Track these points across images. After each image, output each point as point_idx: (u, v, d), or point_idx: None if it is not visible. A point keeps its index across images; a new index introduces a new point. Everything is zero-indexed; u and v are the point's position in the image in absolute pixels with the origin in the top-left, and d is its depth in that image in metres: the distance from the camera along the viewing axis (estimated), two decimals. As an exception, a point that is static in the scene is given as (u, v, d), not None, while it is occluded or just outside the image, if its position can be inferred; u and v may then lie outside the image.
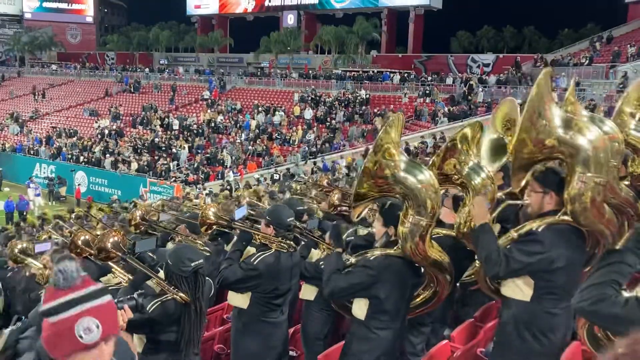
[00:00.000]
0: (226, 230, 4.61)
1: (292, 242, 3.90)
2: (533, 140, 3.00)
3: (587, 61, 27.27)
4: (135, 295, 2.57)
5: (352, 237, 4.09)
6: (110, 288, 3.67)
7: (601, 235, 3.05)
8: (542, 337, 3.05)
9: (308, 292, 4.29)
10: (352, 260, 3.42)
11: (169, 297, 3.24)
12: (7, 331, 3.52)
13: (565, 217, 3.00)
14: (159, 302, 3.22)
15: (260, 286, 3.80)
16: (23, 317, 3.72)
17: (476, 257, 3.33)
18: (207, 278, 3.43)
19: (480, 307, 4.25)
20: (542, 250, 2.97)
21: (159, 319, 3.21)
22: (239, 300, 3.92)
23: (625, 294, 2.06)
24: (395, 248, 3.30)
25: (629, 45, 26.75)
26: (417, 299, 3.61)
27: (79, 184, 26.88)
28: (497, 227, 3.40)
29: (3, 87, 46.05)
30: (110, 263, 3.75)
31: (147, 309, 3.14)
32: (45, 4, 59.21)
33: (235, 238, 4.28)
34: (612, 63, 25.47)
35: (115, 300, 2.39)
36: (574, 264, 3.05)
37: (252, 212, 4.83)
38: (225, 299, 4.54)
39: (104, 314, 1.67)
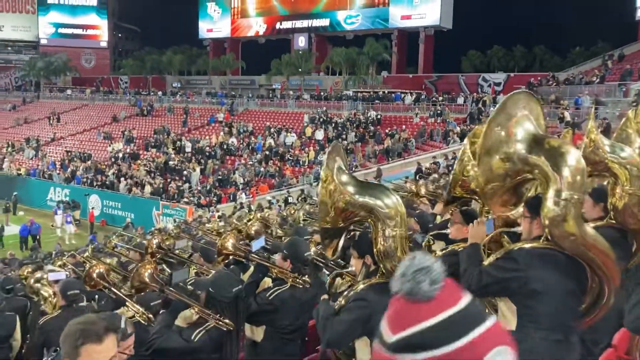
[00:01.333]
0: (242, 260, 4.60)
1: (307, 279, 3.86)
2: (490, 162, 2.97)
3: (599, 79, 27.19)
4: None
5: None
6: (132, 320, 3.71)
7: (590, 261, 2.92)
8: None
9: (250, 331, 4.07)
10: (342, 301, 3.21)
11: (211, 325, 3.32)
12: None
13: (548, 242, 2.93)
14: (204, 330, 3.30)
15: (275, 321, 3.77)
16: (58, 349, 3.69)
17: None
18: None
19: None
20: (515, 268, 2.91)
21: (204, 347, 3.29)
22: (253, 332, 3.89)
23: None
24: (378, 275, 3.16)
25: (641, 63, 26.67)
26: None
27: (92, 208, 27.05)
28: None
29: (19, 111, 46.80)
30: (124, 297, 3.79)
31: (192, 337, 3.20)
32: (61, 30, 60.40)
33: (251, 268, 4.27)
34: (622, 82, 25.35)
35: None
36: (560, 291, 2.92)
37: (269, 242, 4.83)
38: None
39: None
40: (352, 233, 3.42)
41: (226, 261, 4.74)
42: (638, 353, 2.60)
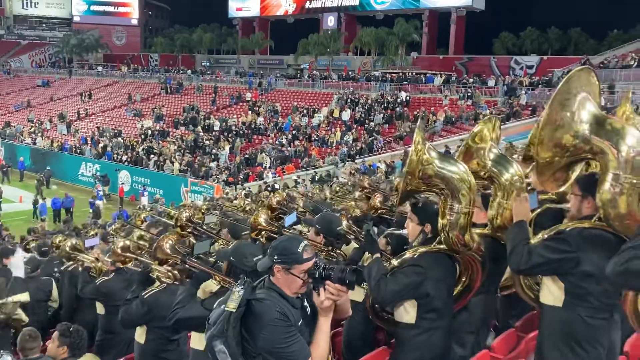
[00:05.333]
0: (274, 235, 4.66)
1: (341, 252, 3.89)
2: (552, 136, 2.94)
3: (636, 63, 26.40)
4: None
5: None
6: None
7: None
8: (580, 349, 2.92)
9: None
10: (395, 262, 3.40)
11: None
12: None
13: (600, 222, 2.92)
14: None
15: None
16: None
17: None
18: None
19: (523, 315, 4.17)
20: (567, 249, 2.91)
21: None
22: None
23: None
24: (434, 244, 3.33)
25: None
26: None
27: (122, 183, 27.56)
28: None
29: (52, 88, 47.63)
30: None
31: (214, 307, 3.26)
32: (93, 7, 61.07)
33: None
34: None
35: None
36: None
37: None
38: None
39: None
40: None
41: (259, 236, 4.82)
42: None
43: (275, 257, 2.51)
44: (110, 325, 5.04)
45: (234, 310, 2.42)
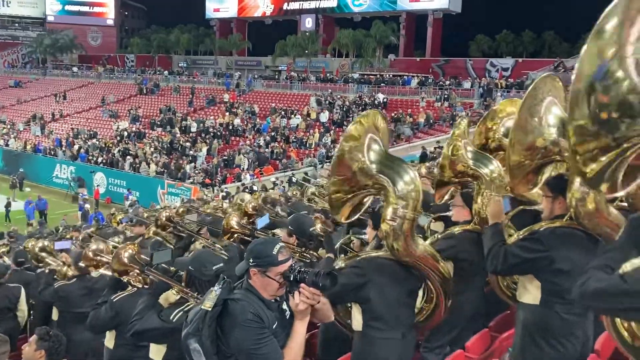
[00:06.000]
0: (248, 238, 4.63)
1: (314, 252, 3.89)
2: (521, 140, 3.01)
3: (608, 66, 26.88)
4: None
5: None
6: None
7: (612, 240, 2.92)
8: (557, 344, 3.03)
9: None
10: (341, 263, 3.36)
11: (191, 305, 3.24)
12: None
13: (571, 221, 3.03)
14: (182, 311, 3.24)
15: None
16: None
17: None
18: None
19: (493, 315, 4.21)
20: (541, 249, 3.01)
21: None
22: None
23: (620, 271, 1.92)
24: (384, 249, 3.28)
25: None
26: (423, 313, 3.56)
27: (97, 185, 27.19)
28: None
29: (25, 88, 46.80)
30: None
31: (171, 318, 3.19)
32: (67, 7, 60.14)
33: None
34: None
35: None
36: (583, 268, 2.95)
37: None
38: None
39: None
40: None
41: (231, 239, 4.78)
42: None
43: (251, 261, 2.51)
44: (63, 332, 4.93)
45: (210, 309, 2.41)
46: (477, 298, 3.90)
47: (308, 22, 48.18)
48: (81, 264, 4.81)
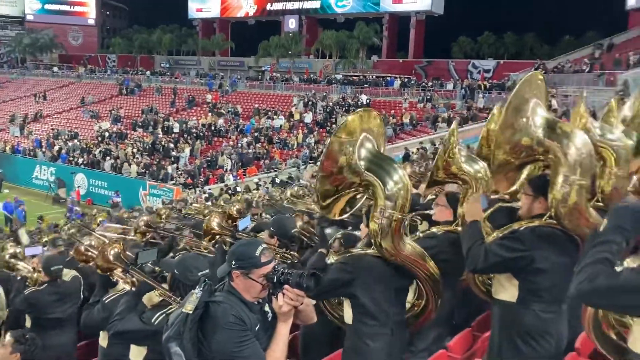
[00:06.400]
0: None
1: (295, 254, 3.86)
2: (509, 139, 3.06)
3: (588, 68, 27.27)
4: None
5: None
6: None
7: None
8: (532, 342, 3.05)
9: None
10: (332, 259, 3.40)
11: (174, 308, 3.19)
12: None
13: (551, 220, 3.05)
14: (164, 314, 3.20)
15: None
16: None
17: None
18: None
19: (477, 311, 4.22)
20: (521, 248, 3.02)
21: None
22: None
23: (618, 268, 2.02)
24: (373, 248, 3.28)
25: (630, 53, 26.74)
26: (415, 309, 3.57)
27: (78, 186, 26.85)
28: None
29: (4, 88, 46.10)
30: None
31: (152, 320, 3.14)
32: (47, 6, 59.35)
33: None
34: (613, 71, 25.45)
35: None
36: (560, 268, 3.03)
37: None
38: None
39: None
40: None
41: (212, 241, 4.73)
42: (591, 330, 2.67)
43: (233, 263, 2.48)
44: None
45: (191, 312, 2.38)
46: (454, 298, 3.94)
47: (291, 23, 48.15)
48: (52, 269, 4.71)
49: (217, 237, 4.41)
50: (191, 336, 2.39)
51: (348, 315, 3.35)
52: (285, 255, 3.81)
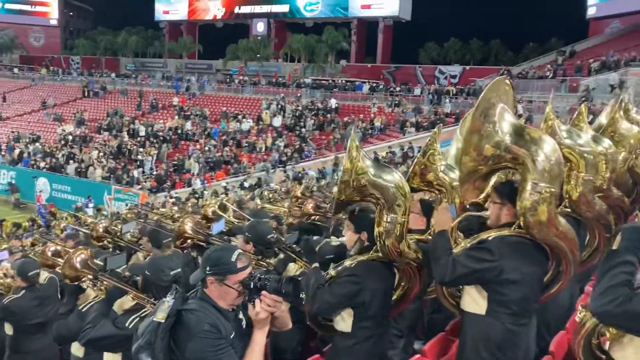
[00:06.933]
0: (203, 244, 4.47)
1: (271, 261, 3.80)
2: (477, 145, 2.97)
3: (551, 74, 27.94)
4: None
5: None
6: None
7: (559, 250, 3.02)
8: (500, 354, 2.97)
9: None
10: (332, 272, 3.32)
11: (148, 311, 3.11)
12: None
13: (520, 230, 2.97)
14: (138, 318, 3.10)
15: None
16: None
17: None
18: None
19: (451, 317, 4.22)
20: (490, 259, 2.93)
21: None
22: None
23: None
24: (371, 252, 3.26)
25: (591, 60, 27.52)
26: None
27: (40, 191, 26.15)
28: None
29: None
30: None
31: (126, 325, 3.05)
32: (8, 6, 57.71)
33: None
34: (574, 77, 26.14)
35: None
36: (530, 279, 3.00)
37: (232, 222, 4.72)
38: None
39: None
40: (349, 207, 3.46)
41: (183, 245, 4.62)
42: (580, 350, 2.70)
43: (208, 269, 2.41)
44: (20, 345, 4.69)
45: (163, 321, 2.30)
46: (418, 306, 3.97)
47: (260, 27, 47.99)
48: (29, 274, 4.57)
49: (189, 241, 4.32)
50: (163, 346, 2.31)
51: (347, 324, 3.30)
52: (260, 262, 3.74)
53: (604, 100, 18.58)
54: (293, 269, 4.29)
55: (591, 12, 36.40)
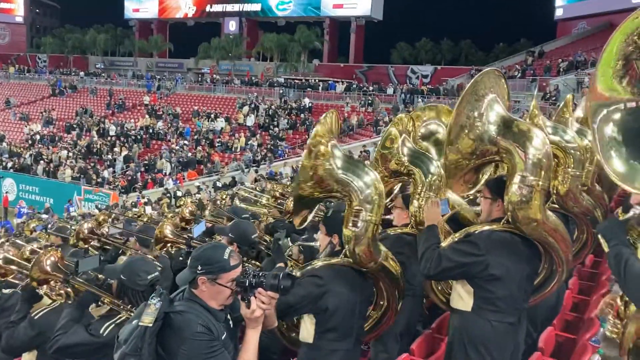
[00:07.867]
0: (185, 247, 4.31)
1: (256, 262, 3.69)
2: (461, 137, 2.92)
3: (520, 74, 28.38)
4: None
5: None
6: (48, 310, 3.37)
7: (550, 246, 2.97)
8: (485, 352, 2.92)
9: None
10: (297, 273, 3.01)
11: (123, 317, 2.96)
12: None
13: (509, 225, 2.92)
14: (113, 324, 2.94)
15: None
16: None
17: None
18: None
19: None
20: (475, 252, 2.88)
21: (114, 342, 2.95)
22: None
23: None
24: (341, 256, 3.01)
25: (560, 60, 28.03)
26: (369, 321, 3.31)
27: (6, 192, 25.44)
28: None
29: None
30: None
31: (101, 332, 2.90)
32: (-29, 2, 56.16)
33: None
34: (544, 77, 26.59)
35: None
36: (517, 276, 2.93)
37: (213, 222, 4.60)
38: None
39: None
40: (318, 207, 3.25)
41: (164, 249, 4.47)
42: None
43: (199, 268, 2.31)
44: None
45: (151, 325, 2.19)
46: (416, 304, 3.77)
47: (232, 25, 47.62)
48: None
49: (169, 245, 4.17)
50: (150, 351, 2.20)
51: (309, 333, 3.02)
52: (246, 264, 3.62)
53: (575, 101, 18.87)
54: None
55: (559, 13, 37.17)
